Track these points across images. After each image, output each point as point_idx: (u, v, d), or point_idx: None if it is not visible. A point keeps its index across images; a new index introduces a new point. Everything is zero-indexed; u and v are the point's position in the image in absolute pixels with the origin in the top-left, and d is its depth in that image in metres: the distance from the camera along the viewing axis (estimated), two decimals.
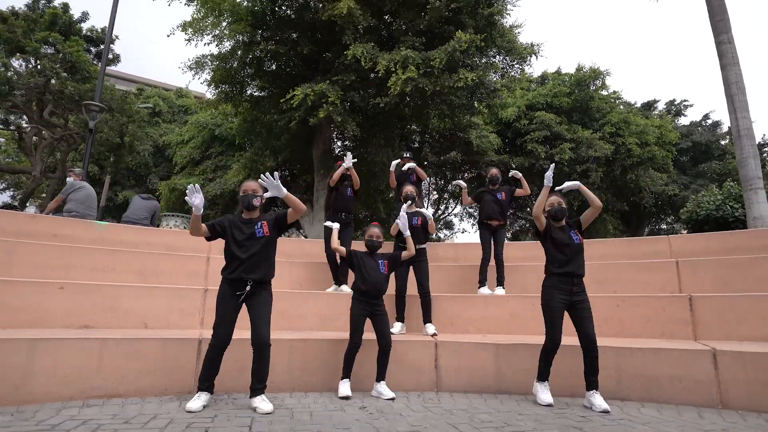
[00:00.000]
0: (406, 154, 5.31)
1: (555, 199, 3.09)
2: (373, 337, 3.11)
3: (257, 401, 2.56)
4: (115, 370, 2.80)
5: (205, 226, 2.70)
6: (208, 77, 10.21)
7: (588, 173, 14.31)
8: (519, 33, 9.91)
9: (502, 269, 4.45)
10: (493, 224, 4.49)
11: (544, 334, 2.97)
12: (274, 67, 10.14)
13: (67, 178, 5.53)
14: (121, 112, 11.90)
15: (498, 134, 15.02)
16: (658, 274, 4.33)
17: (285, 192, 2.67)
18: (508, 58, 9.93)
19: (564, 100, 15.23)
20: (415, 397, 3.08)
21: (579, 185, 3.12)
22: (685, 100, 21.34)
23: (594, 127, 15.40)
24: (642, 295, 3.88)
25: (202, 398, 2.58)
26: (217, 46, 9.74)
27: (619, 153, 14.72)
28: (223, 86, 10.41)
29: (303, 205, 2.75)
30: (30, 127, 11.95)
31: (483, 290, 4.39)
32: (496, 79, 9.91)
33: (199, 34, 9.54)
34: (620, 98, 17.56)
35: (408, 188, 4.06)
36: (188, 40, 9.59)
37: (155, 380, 2.86)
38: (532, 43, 9.90)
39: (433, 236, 21.42)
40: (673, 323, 3.60)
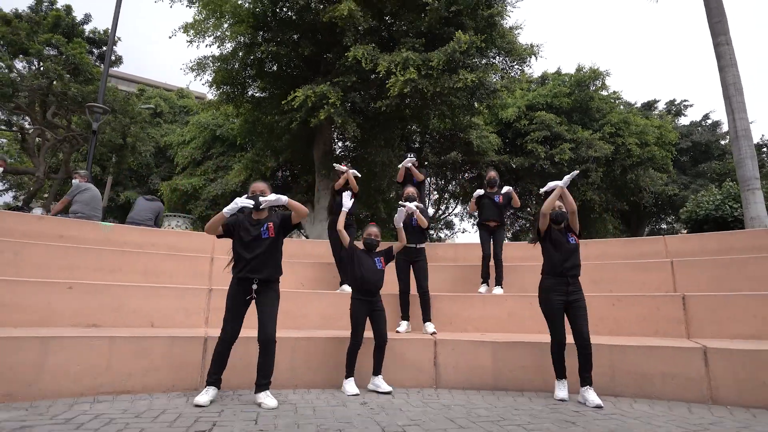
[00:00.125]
0: (410, 155, 5.41)
1: (556, 204, 3.18)
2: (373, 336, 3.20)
3: (262, 396, 2.65)
4: (124, 368, 2.89)
5: (220, 227, 2.82)
6: (210, 78, 10.29)
7: (588, 173, 14.38)
8: (519, 34, 9.97)
9: (501, 269, 4.54)
10: (491, 225, 4.60)
11: (549, 335, 3.07)
12: (275, 69, 10.21)
13: (73, 180, 5.62)
14: (124, 113, 12.00)
15: (498, 134, 15.09)
16: (654, 274, 4.41)
17: (286, 199, 2.78)
18: (508, 59, 9.98)
19: (564, 100, 15.30)
20: (415, 393, 3.17)
21: (561, 187, 3.14)
22: (685, 100, 21.40)
23: (594, 127, 15.46)
24: (637, 295, 3.96)
25: (210, 392, 2.68)
26: (219, 47, 9.83)
27: (619, 153, 14.78)
28: (225, 87, 10.49)
29: (305, 208, 2.86)
30: (33, 129, 12.05)
31: (481, 289, 4.49)
32: (496, 79, 9.97)
33: (201, 36, 9.62)
34: (620, 98, 17.62)
35: (409, 189, 4.18)
36: (190, 41, 9.68)
37: (163, 377, 2.95)
38: (531, 44, 9.95)
39: (433, 236, 21.39)
40: (667, 322, 3.68)
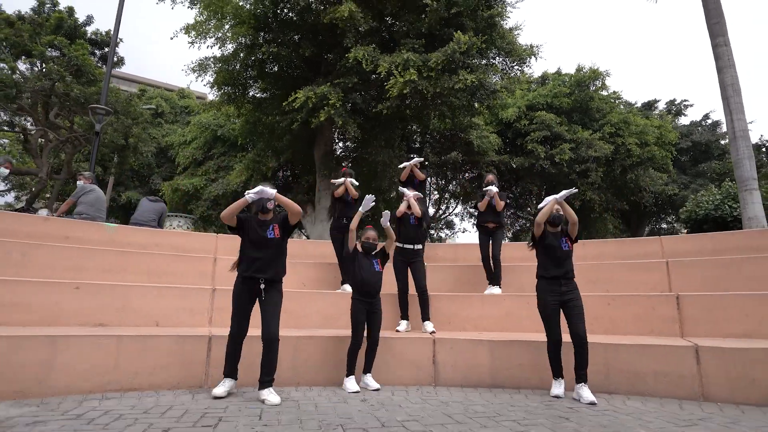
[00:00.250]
0: (413, 156, 5.50)
1: (555, 207, 3.24)
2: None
3: (265, 393, 2.73)
4: (131, 366, 2.97)
5: (235, 217, 2.91)
6: (211, 79, 10.37)
7: (588, 173, 14.44)
8: (518, 35, 10.03)
9: (499, 269, 4.61)
10: (489, 227, 4.71)
11: (545, 334, 3.15)
12: (276, 69, 10.28)
13: (78, 182, 5.70)
14: (126, 114, 12.08)
15: (498, 134, 15.15)
16: (650, 274, 4.48)
17: (273, 192, 2.85)
18: (508, 60, 10.04)
19: (564, 100, 15.35)
20: (414, 390, 3.25)
21: (556, 200, 3.17)
22: (686, 100, 21.41)
23: (594, 127, 15.51)
24: (632, 294, 4.03)
25: (227, 384, 2.84)
26: (220, 48, 9.90)
27: (619, 153, 14.84)
28: (226, 88, 10.56)
29: (295, 205, 2.93)
30: (36, 130, 12.15)
31: (488, 290, 4.55)
32: (496, 80, 10.02)
33: (202, 37, 9.68)
34: (620, 98, 17.66)
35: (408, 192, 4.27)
36: (191, 43, 9.75)
37: (169, 375, 3.04)
38: (531, 45, 10.01)
39: (434, 235, 21.39)
40: (662, 321, 3.76)
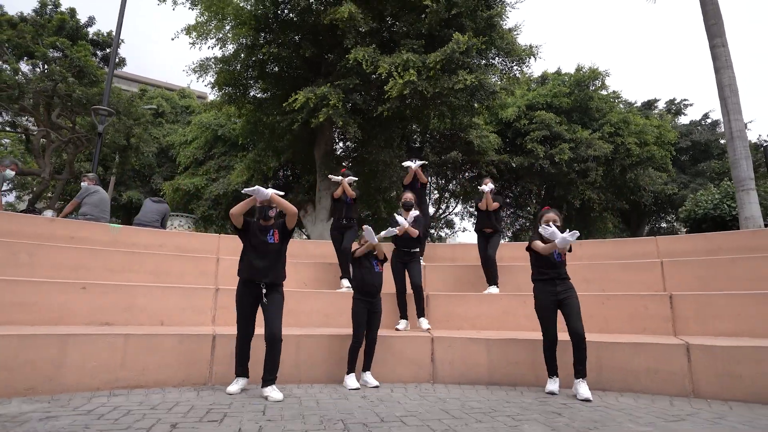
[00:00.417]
0: (413, 161, 5.56)
1: (551, 216, 3.30)
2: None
3: (268, 390, 2.82)
4: (138, 364, 3.06)
5: (243, 217, 3.00)
6: (212, 80, 10.44)
7: (587, 172, 14.51)
8: (518, 35, 10.07)
9: (495, 269, 4.70)
10: (486, 231, 4.84)
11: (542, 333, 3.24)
12: (277, 70, 10.34)
13: (82, 183, 5.78)
14: (128, 114, 12.15)
15: (498, 134, 15.21)
16: (644, 273, 4.56)
17: (269, 193, 2.91)
18: (507, 60, 10.09)
19: (564, 100, 15.40)
20: (413, 387, 3.33)
21: (556, 244, 3.13)
22: (685, 99, 21.45)
23: (593, 126, 15.57)
24: (626, 294, 4.11)
25: (239, 383, 2.97)
26: (221, 49, 9.96)
27: (619, 152, 14.90)
28: (227, 88, 10.63)
29: (291, 206, 3.01)
30: (38, 130, 12.23)
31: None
32: (495, 80, 10.07)
33: (203, 38, 9.76)
34: (619, 98, 17.70)
35: (407, 195, 4.35)
36: (192, 43, 9.82)
37: (174, 372, 3.13)
38: (530, 45, 10.06)
39: (434, 235, 21.43)
40: (655, 320, 3.84)
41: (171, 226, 13.02)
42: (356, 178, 4.93)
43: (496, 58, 10.08)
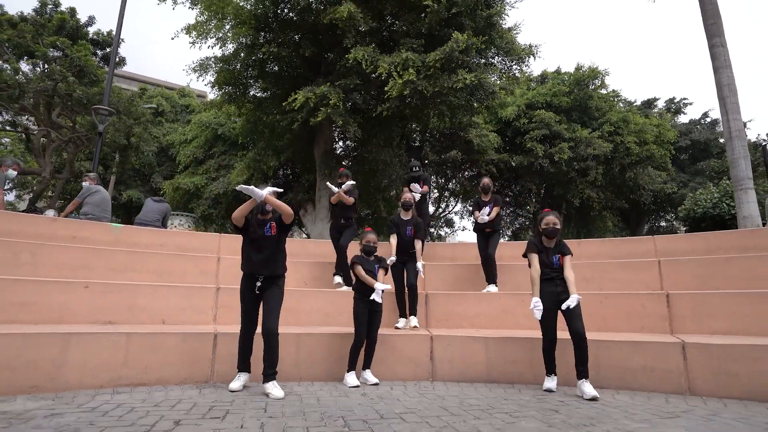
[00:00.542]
0: (415, 168, 5.58)
1: (551, 219, 3.31)
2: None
3: (269, 387, 2.86)
4: (140, 362, 3.10)
5: (244, 217, 3.04)
6: (212, 79, 10.45)
7: (587, 171, 14.54)
8: (517, 34, 10.08)
9: (494, 267, 4.74)
10: (486, 231, 4.88)
11: (540, 332, 3.27)
12: (277, 69, 10.35)
13: (83, 183, 5.81)
14: (128, 114, 12.17)
15: (498, 133, 15.23)
16: (642, 273, 4.59)
17: (263, 195, 2.90)
18: (507, 59, 10.10)
19: (563, 99, 15.42)
20: (412, 385, 3.37)
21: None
22: (685, 98, 21.44)
23: (593, 125, 15.59)
24: (624, 293, 4.15)
25: (241, 378, 3.01)
26: (221, 48, 9.98)
27: (618, 151, 14.93)
28: (227, 88, 10.65)
29: (287, 207, 2.98)
30: (38, 130, 12.25)
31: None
32: (494, 79, 10.09)
33: (203, 37, 9.76)
34: (619, 96, 17.71)
35: (407, 196, 4.39)
36: (192, 43, 9.82)
37: (176, 371, 3.16)
38: (530, 44, 10.07)
39: (434, 233, 21.45)
40: (652, 319, 3.87)
41: (171, 226, 13.05)
42: (354, 182, 4.96)
43: (496, 58, 10.08)
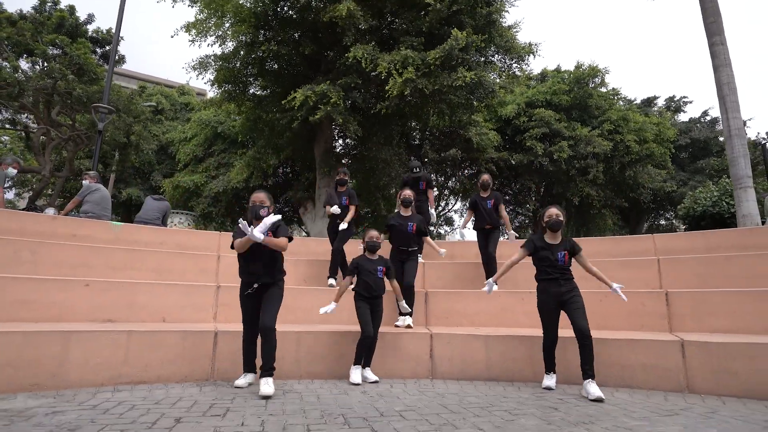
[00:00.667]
0: (416, 169, 5.58)
1: (554, 211, 3.32)
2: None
3: (262, 383, 2.85)
4: (141, 360, 3.10)
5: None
6: (212, 77, 10.44)
7: (587, 170, 14.54)
8: (517, 32, 10.06)
9: (495, 265, 4.74)
10: (486, 228, 4.90)
11: (541, 329, 3.29)
12: (276, 67, 10.34)
13: (83, 181, 5.81)
14: (128, 112, 12.15)
15: (498, 131, 15.22)
16: (642, 271, 4.60)
17: (261, 238, 2.83)
18: (507, 57, 10.08)
19: (563, 97, 15.41)
20: (412, 383, 3.38)
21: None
22: (685, 97, 21.43)
23: (593, 124, 15.59)
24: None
25: (247, 377, 3.05)
26: (220, 46, 9.96)
27: (618, 150, 14.93)
28: (227, 86, 10.63)
29: (283, 243, 2.96)
30: (38, 128, 12.23)
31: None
32: (494, 78, 10.07)
33: (203, 35, 9.74)
34: (619, 95, 17.70)
35: (406, 192, 4.38)
36: (192, 41, 9.80)
37: (177, 369, 3.17)
38: (530, 43, 10.05)
39: (434, 232, 21.49)
40: (652, 317, 3.88)
41: (171, 224, 13.05)
42: (339, 212, 4.79)
43: (496, 56, 10.07)
